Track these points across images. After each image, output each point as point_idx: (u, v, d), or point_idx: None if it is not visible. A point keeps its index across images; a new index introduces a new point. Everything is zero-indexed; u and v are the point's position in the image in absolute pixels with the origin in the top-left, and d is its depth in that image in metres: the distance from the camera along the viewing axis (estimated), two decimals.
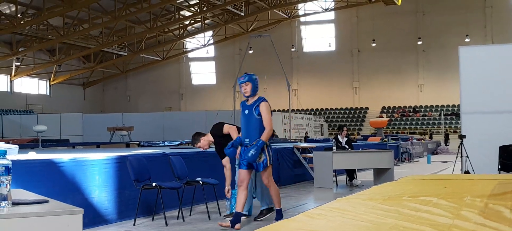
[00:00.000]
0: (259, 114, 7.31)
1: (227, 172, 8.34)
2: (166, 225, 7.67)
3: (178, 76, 55.69)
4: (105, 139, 29.86)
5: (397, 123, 49.95)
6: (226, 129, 8.20)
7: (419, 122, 49.58)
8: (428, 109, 50.83)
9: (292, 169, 14.78)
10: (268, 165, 7.39)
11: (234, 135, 7.96)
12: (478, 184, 7.24)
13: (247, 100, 7.52)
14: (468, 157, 12.97)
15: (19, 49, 42.54)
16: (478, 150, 13.02)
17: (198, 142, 8.42)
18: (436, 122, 49.00)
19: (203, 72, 55.12)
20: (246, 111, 7.41)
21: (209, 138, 8.37)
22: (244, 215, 8.10)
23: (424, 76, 50.86)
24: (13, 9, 36.50)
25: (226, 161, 8.29)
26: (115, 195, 8.23)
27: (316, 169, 13.70)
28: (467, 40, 45.25)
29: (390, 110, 51.57)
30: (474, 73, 13.41)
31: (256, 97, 7.48)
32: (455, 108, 47.61)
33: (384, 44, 50.31)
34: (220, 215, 8.71)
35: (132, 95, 56.05)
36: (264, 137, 7.24)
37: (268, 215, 8.19)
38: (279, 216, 7.66)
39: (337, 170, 14.01)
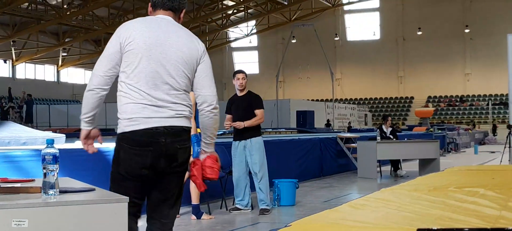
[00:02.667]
0: None
1: None
2: (210, 213, 7.74)
3: (221, 66, 55.95)
4: None
5: (443, 112, 49.21)
6: None
7: (466, 112, 48.74)
8: (475, 98, 49.92)
9: (335, 159, 14.73)
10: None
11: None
12: None
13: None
14: None
15: (66, 40, 43.35)
16: None
17: None
18: (484, 111, 48.09)
19: (246, 62, 55.23)
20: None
21: None
22: (239, 209, 8.09)
23: (471, 65, 49.93)
24: (60, 0, 37.18)
25: None
26: None
27: (360, 159, 13.63)
28: None
29: (436, 100, 50.83)
30: None
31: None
32: (504, 98, 46.61)
33: (430, 32, 49.54)
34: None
35: None
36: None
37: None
38: (196, 210, 7.59)
39: (381, 160, 13.90)
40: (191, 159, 3.57)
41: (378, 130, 14.56)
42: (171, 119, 3.27)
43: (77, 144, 9.27)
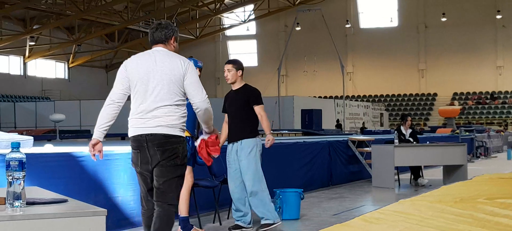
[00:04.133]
0: None
1: None
2: (201, 228, 7.74)
3: (214, 58, 55.97)
4: None
5: (471, 111, 49.28)
6: None
7: (498, 111, 48.80)
8: (508, 95, 49.96)
9: (346, 166, 14.74)
10: None
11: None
12: None
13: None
14: None
15: (34, 27, 43.33)
16: None
17: None
18: None
19: (243, 53, 55.21)
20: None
21: None
22: (242, 227, 7.89)
23: (504, 57, 49.97)
24: None
25: None
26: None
27: (375, 166, 13.63)
28: None
29: (463, 97, 50.88)
30: None
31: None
32: None
33: (456, 18, 49.59)
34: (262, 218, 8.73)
35: None
36: None
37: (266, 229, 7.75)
38: (183, 224, 7.60)
39: (400, 167, 13.90)
40: (197, 142, 5.75)
41: (396, 132, 14.58)
42: (156, 128, 5.00)
43: (47, 148, 9.27)
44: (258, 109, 7.63)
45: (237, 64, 7.81)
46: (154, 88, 4.99)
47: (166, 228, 5.02)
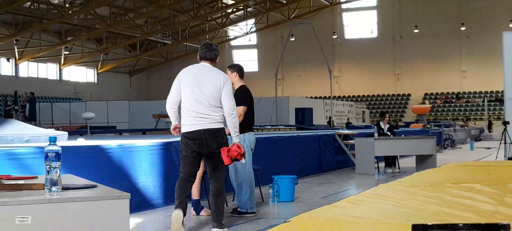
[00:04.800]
0: None
1: None
2: (210, 209, 7.73)
3: (221, 64, 55.01)
4: (150, 126, 30.21)
5: (439, 109, 49.21)
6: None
7: (462, 108, 48.74)
8: (471, 95, 49.90)
9: (334, 156, 14.74)
10: None
11: None
12: None
13: None
14: None
15: (68, 39, 43.33)
16: None
17: None
18: (479, 108, 48.10)
19: (245, 60, 55.11)
20: None
21: None
22: (240, 212, 7.61)
23: (467, 62, 49.90)
24: None
25: None
26: (161, 181, 8.34)
27: (358, 156, 13.63)
28: (511, 25, 44.17)
29: (433, 97, 50.83)
30: None
31: None
32: (499, 95, 46.60)
33: (426, 30, 49.50)
34: (262, 201, 8.73)
35: None
36: None
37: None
38: (195, 205, 7.55)
39: (379, 156, 13.90)
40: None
41: (375, 127, 14.57)
42: (211, 124, 5.88)
43: (80, 141, 9.27)
44: (238, 108, 7.53)
45: (231, 67, 7.80)
46: (205, 95, 5.83)
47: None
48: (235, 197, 7.88)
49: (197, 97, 5.86)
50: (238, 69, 7.76)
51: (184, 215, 6.02)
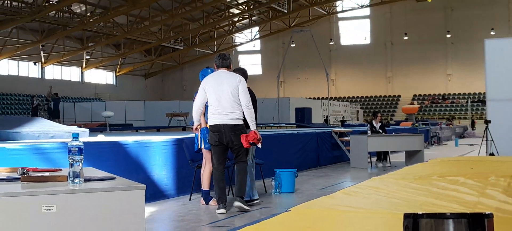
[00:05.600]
0: None
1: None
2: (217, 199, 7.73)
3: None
4: (164, 124, 30.22)
5: (427, 109, 49.12)
6: None
7: (448, 109, 48.63)
8: (456, 96, 49.79)
9: (330, 151, 14.73)
10: (198, 148, 7.44)
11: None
12: (502, 165, 7.08)
13: None
14: (493, 140, 12.69)
15: (89, 44, 43.36)
16: (503, 134, 12.71)
17: None
18: (463, 108, 47.99)
19: (250, 64, 55.10)
20: None
21: None
22: (248, 201, 7.48)
23: (452, 67, 49.80)
24: (83, 8, 37.21)
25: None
26: (173, 173, 8.35)
27: (352, 151, 13.62)
28: (492, 33, 44.09)
29: (421, 98, 50.73)
30: (499, 63, 13.08)
31: None
32: (481, 96, 46.50)
33: (415, 37, 49.42)
34: (266, 192, 8.73)
35: (187, 85, 56.56)
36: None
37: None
38: (205, 196, 7.54)
39: (372, 152, 13.90)
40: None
41: (368, 125, 14.55)
42: (229, 120, 6.59)
43: (100, 137, 9.29)
44: None
45: (236, 71, 7.79)
46: (225, 95, 6.59)
47: (245, 175, 6.85)
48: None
49: (219, 97, 6.61)
50: (243, 73, 7.78)
51: (225, 202, 6.74)
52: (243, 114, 6.71)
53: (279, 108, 33.16)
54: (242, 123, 6.72)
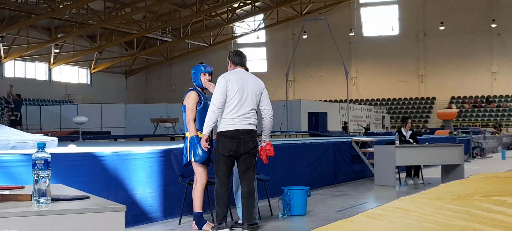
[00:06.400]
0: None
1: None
2: (213, 222, 7.72)
3: (226, 64, 55.69)
4: (148, 131, 30.26)
5: (468, 114, 49.06)
6: None
7: (493, 114, 48.57)
8: (503, 99, 49.72)
9: (350, 165, 14.71)
10: (187, 161, 7.40)
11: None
12: None
13: (203, 91, 7.68)
14: None
15: (58, 36, 43.46)
16: None
17: None
18: None
19: (253, 59, 55.04)
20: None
21: None
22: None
23: (499, 63, 49.73)
24: None
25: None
26: (160, 192, 8.35)
27: (377, 165, 13.60)
28: None
29: (460, 101, 50.68)
30: None
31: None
32: None
33: (453, 27, 49.39)
34: (271, 214, 8.72)
35: (177, 84, 56.66)
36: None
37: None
38: (197, 219, 7.49)
39: (400, 166, 13.87)
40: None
41: (396, 133, 14.54)
42: (248, 125, 6.95)
43: (71, 148, 9.30)
44: None
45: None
46: (249, 97, 7.00)
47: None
48: (237, 208, 7.87)
49: (241, 100, 6.95)
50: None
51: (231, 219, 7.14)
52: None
53: (288, 113, 33.16)
54: (256, 129, 7.15)
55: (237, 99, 6.93)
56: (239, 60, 7.26)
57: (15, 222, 2.68)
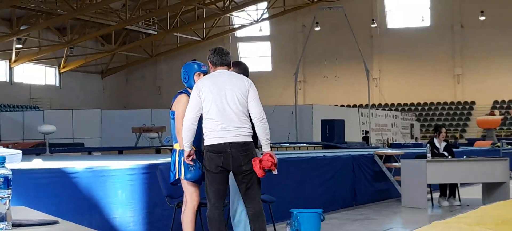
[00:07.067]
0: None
1: None
2: None
3: None
4: (129, 143, 30.27)
5: None
6: None
7: None
8: None
9: (372, 183, 14.70)
10: (175, 178, 7.39)
11: None
12: None
13: None
14: None
15: (21, 28, 43.50)
16: None
17: None
18: None
19: (255, 56, 55.22)
20: None
21: None
22: None
23: None
24: None
25: None
26: (143, 215, 8.34)
27: (404, 183, 13.59)
28: None
29: (505, 106, 50.66)
30: None
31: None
32: None
33: (496, 17, 49.43)
34: None
35: (163, 86, 56.73)
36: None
37: None
38: None
39: (433, 184, 13.85)
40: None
41: (428, 145, 14.52)
42: (236, 137, 6.84)
43: (36, 163, 9.30)
44: None
45: (234, 66, 7.78)
46: (229, 103, 6.87)
47: None
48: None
49: (221, 107, 6.90)
50: (243, 69, 7.79)
51: None
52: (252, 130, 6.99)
53: (297, 121, 33.16)
54: (252, 140, 7.01)
55: (215, 109, 6.88)
56: (219, 60, 7.13)
57: None
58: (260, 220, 7.04)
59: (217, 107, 6.86)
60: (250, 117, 7.01)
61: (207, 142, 6.91)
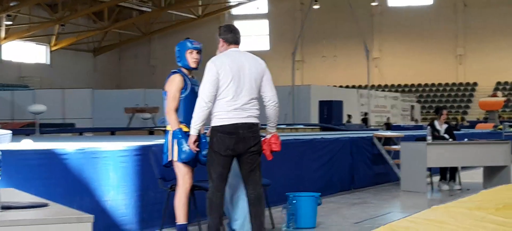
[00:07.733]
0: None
1: None
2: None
3: (214, 43, 55.86)
4: (122, 124, 30.26)
5: None
6: None
7: None
8: None
9: (370, 167, 14.72)
10: (168, 160, 7.40)
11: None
12: None
13: (190, 73, 7.61)
14: None
15: (10, 4, 43.36)
16: None
17: None
18: None
19: (252, 35, 55.18)
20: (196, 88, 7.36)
21: None
22: None
23: None
24: None
25: None
26: (135, 198, 8.35)
27: (404, 167, 13.61)
28: None
29: (508, 87, 50.69)
30: None
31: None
32: None
33: None
34: (273, 227, 8.75)
35: (157, 66, 56.66)
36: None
37: None
38: None
39: (433, 167, 13.87)
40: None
41: (429, 127, 14.54)
42: (248, 118, 6.91)
43: (26, 144, 9.30)
44: None
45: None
46: (246, 84, 6.92)
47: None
48: (232, 221, 7.85)
49: (238, 89, 6.92)
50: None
51: None
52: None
53: (294, 101, 33.16)
54: (259, 121, 7.11)
55: (232, 89, 6.86)
56: (233, 38, 7.17)
57: None
58: (261, 204, 7.09)
59: (235, 86, 6.87)
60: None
61: (217, 122, 6.89)
